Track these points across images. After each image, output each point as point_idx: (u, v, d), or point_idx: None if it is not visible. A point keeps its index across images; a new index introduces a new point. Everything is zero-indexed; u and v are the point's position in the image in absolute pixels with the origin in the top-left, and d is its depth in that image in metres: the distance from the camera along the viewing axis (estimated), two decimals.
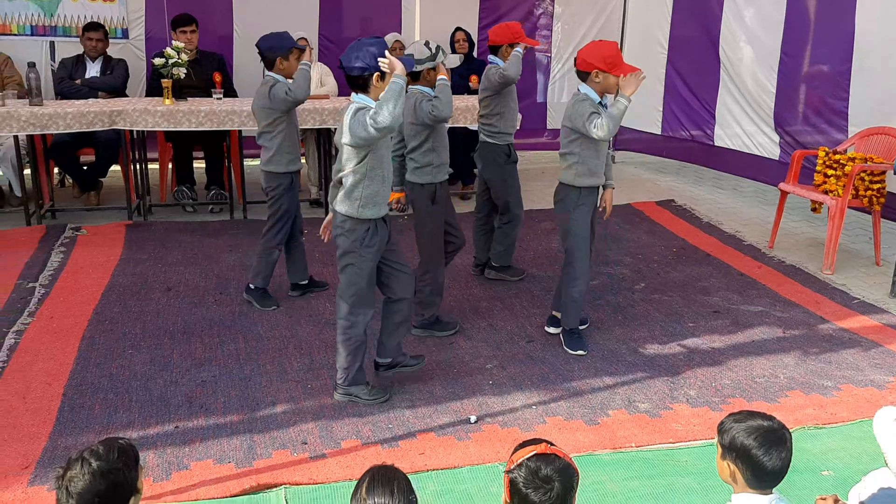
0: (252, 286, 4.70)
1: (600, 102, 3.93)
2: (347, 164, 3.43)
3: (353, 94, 3.44)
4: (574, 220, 4.10)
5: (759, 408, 3.54)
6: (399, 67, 3.25)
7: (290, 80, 4.52)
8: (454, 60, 4.07)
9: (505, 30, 4.88)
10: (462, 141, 7.09)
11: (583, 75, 3.98)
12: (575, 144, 4.00)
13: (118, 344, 4.16)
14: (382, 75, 3.32)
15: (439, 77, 3.99)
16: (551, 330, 4.37)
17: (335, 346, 3.89)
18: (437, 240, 4.29)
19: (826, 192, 5.49)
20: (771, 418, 2.15)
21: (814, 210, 5.86)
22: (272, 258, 4.70)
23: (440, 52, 4.07)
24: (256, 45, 4.60)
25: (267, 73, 4.56)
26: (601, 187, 4.18)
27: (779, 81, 6.98)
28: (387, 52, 3.33)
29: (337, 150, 3.57)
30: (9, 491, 2.95)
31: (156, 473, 3.08)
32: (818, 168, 5.63)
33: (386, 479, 1.92)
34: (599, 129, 3.78)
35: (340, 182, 3.49)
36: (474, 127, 6.62)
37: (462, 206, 6.98)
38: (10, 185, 6.44)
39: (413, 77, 4.02)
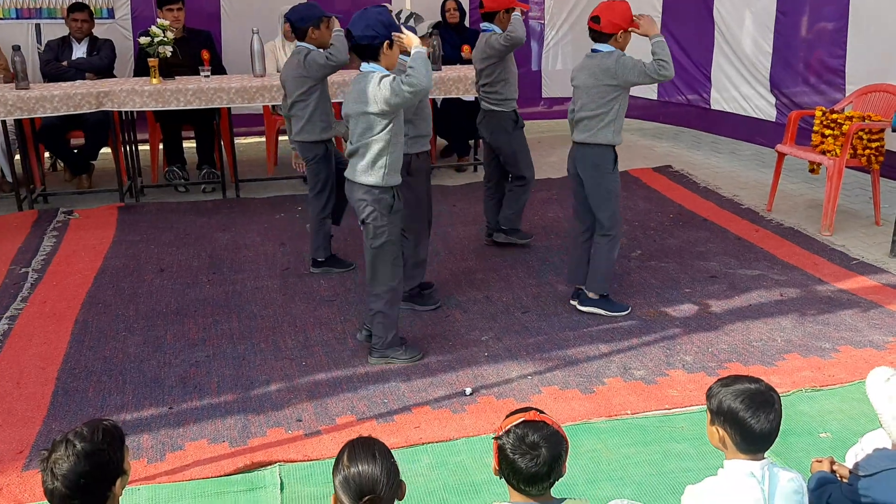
0: (318, 259, 4.80)
1: None
2: (368, 134, 3.43)
3: (362, 63, 3.43)
4: (614, 180, 4.13)
5: (756, 371, 3.53)
6: (416, 41, 3.33)
7: (322, 50, 4.49)
8: (423, 28, 4.02)
9: None
10: (456, 112, 7.02)
11: (605, 37, 3.99)
12: (615, 102, 4.01)
13: (111, 326, 4.14)
14: (391, 43, 3.33)
15: (415, 47, 3.86)
16: (586, 309, 4.25)
17: (329, 323, 3.89)
18: (417, 212, 4.22)
19: (824, 153, 5.43)
20: (758, 381, 2.12)
21: (812, 171, 5.79)
22: (325, 229, 4.79)
23: (412, 18, 4.02)
24: (287, 17, 4.70)
25: (298, 43, 4.58)
26: None
27: (775, 42, 6.88)
28: (401, 27, 3.38)
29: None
30: (4, 475, 2.94)
31: (150, 455, 3.07)
32: (815, 128, 5.55)
33: (366, 445, 1.91)
34: (665, 69, 3.90)
35: (354, 153, 3.50)
36: (469, 97, 6.55)
37: (458, 179, 6.94)
38: (1, 170, 6.39)
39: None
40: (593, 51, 4.04)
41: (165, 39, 5.94)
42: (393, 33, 3.35)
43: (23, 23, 7.09)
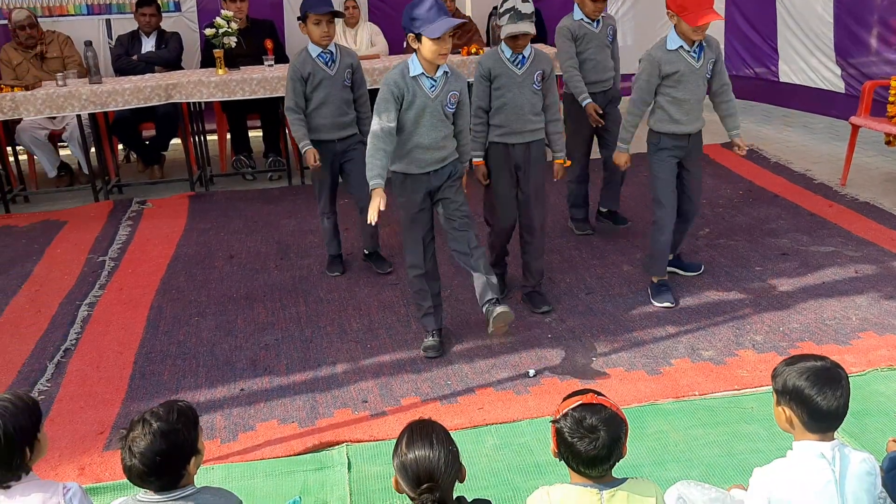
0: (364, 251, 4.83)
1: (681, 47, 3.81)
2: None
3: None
4: (656, 162, 4.08)
5: (829, 350, 3.43)
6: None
7: (315, 46, 4.30)
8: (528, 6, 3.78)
9: None
10: None
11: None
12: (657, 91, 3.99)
13: (184, 312, 4.27)
14: (417, 37, 3.26)
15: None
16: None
17: (392, 307, 3.93)
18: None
19: None
20: (824, 358, 2.06)
21: (888, 143, 5.56)
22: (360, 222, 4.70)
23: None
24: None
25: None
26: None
27: (835, 11, 6.61)
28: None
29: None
30: (86, 455, 3.08)
31: (223, 435, 3.17)
32: (891, 98, 5.34)
33: (424, 432, 1.93)
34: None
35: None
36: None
37: None
38: (77, 162, 6.64)
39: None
40: None
41: (230, 30, 6.06)
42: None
43: (93, 19, 7.33)
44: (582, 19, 4.71)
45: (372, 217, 3.24)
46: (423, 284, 3.66)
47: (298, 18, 4.39)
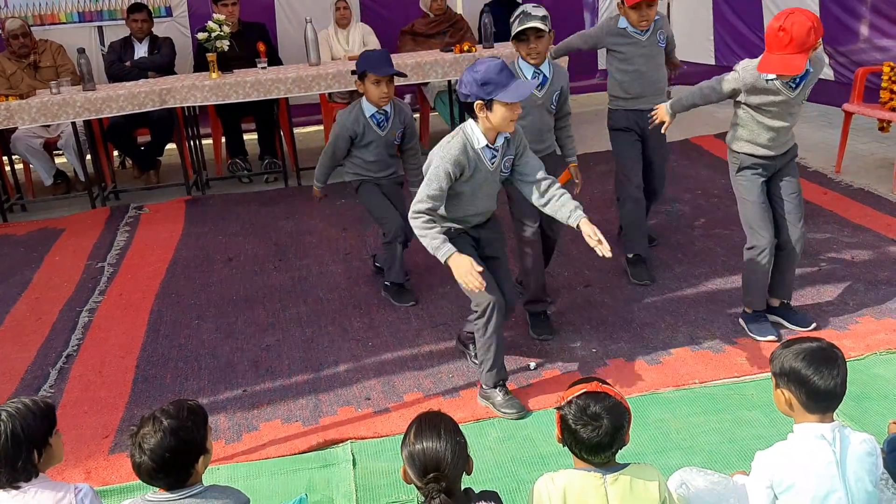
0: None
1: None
2: None
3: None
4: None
5: (828, 335, 3.45)
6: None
7: (370, 105, 4.09)
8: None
9: None
10: None
11: None
12: None
13: (185, 315, 4.28)
14: (487, 104, 2.92)
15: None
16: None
17: (393, 304, 3.94)
18: None
19: (893, 110, 5.23)
20: (819, 340, 2.09)
21: (881, 129, 5.60)
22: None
23: (520, 16, 3.59)
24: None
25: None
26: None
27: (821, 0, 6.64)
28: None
29: None
30: (92, 459, 3.09)
31: (227, 436, 3.18)
32: (884, 84, 5.36)
33: (432, 423, 1.95)
34: None
35: None
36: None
37: None
38: (74, 170, 6.64)
39: None
40: None
41: (222, 34, 6.06)
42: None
43: (85, 26, 7.33)
44: (626, 28, 4.16)
45: (475, 285, 2.87)
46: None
47: (353, 73, 4.16)
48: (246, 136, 6.92)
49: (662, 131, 3.81)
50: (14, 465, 2.03)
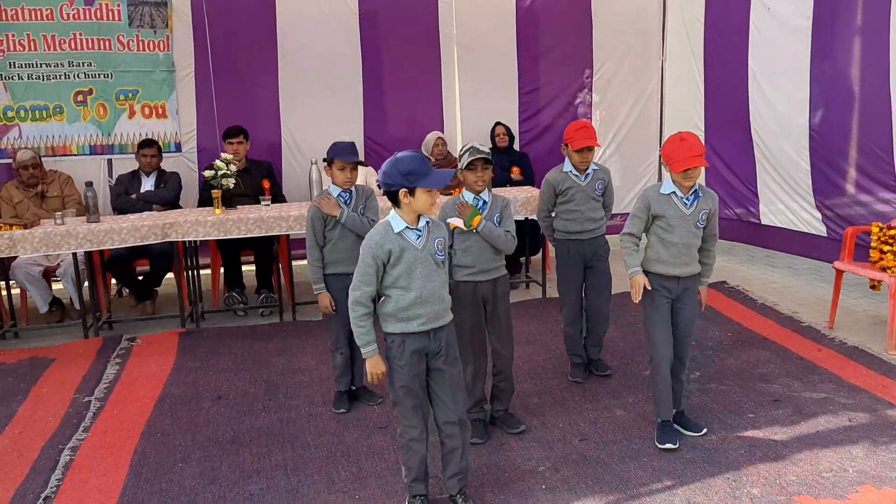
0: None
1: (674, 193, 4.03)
2: None
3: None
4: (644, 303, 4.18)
5: None
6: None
7: (336, 187, 4.61)
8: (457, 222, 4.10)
9: None
10: None
11: None
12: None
13: (168, 457, 4.17)
14: (410, 190, 3.25)
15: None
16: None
17: (382, 453, 3.84)
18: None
19: (884, 269, 5.32)
20: None
21: (873, 287, 5.67)
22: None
23: (469, 151, 4.09)
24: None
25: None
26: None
27: (812, 159, 6.91)
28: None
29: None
30: None
31: None
32: (873, 244, 5.47)
33: None
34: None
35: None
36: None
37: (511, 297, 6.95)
38: (70, 298, 6.65)
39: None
40: None
41: (228, 172, 6.23)
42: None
43: (96, 158, 7.54)
44: (570, 171, 4.90)
45: (375, 380, 3.39)
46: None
47: (324, 160, 4.67)
48: (244, 268, 6.98)
49: (637, 300, 4.12)
50: None
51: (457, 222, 4.06)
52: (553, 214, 5.05)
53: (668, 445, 4.02)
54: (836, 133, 6.66)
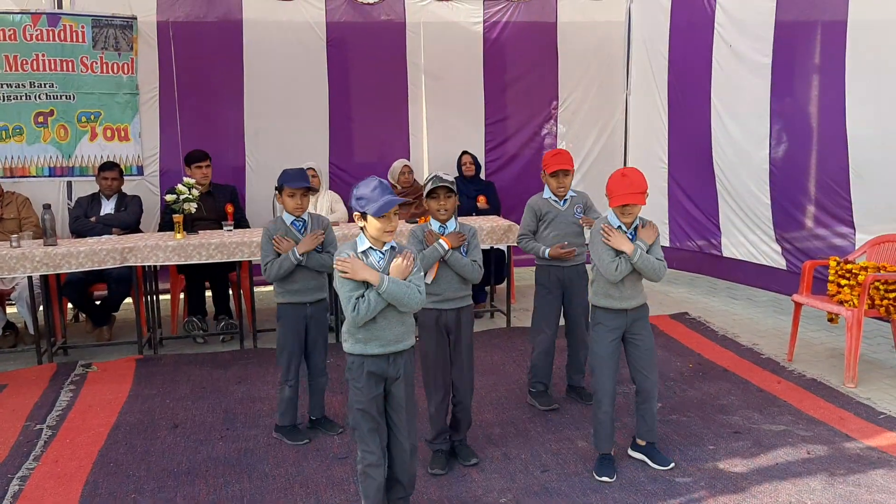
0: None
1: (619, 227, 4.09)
2: None
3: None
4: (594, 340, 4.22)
5: None
6: (369, 275, 3.32)
7: (289, 215, 4.61)
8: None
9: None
10: None
11: None
12: None
13: (121, 488, 4.05)
14: (363, 215, 3.36)
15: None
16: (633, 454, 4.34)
17: (341, 484, 3.78)
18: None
19: (841, 303, 5.41)
20: None
21: (831, 321, 5.75)
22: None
23: (431, 180, 4.13)
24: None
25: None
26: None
27: (772, 193, 7.05)
28: (347, 258, 3.34)
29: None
30: None
31: None
32: (831, 278, 5.57)
33: None
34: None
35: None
36: (501, 246, 6.73)
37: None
38: (25, 323, 6.49)
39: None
40: None
41: (190, 197, 6.15)
42: (336, 259, 3.36)
43: (55, 180, 7.41)
44: (549, 197, 4.99)
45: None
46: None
47: (276, 188, 4.65)
48: (207, 293, 6.87)
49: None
50: None
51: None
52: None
53: (605, 479, 4.04)
54: (795, 168, 6.81)
